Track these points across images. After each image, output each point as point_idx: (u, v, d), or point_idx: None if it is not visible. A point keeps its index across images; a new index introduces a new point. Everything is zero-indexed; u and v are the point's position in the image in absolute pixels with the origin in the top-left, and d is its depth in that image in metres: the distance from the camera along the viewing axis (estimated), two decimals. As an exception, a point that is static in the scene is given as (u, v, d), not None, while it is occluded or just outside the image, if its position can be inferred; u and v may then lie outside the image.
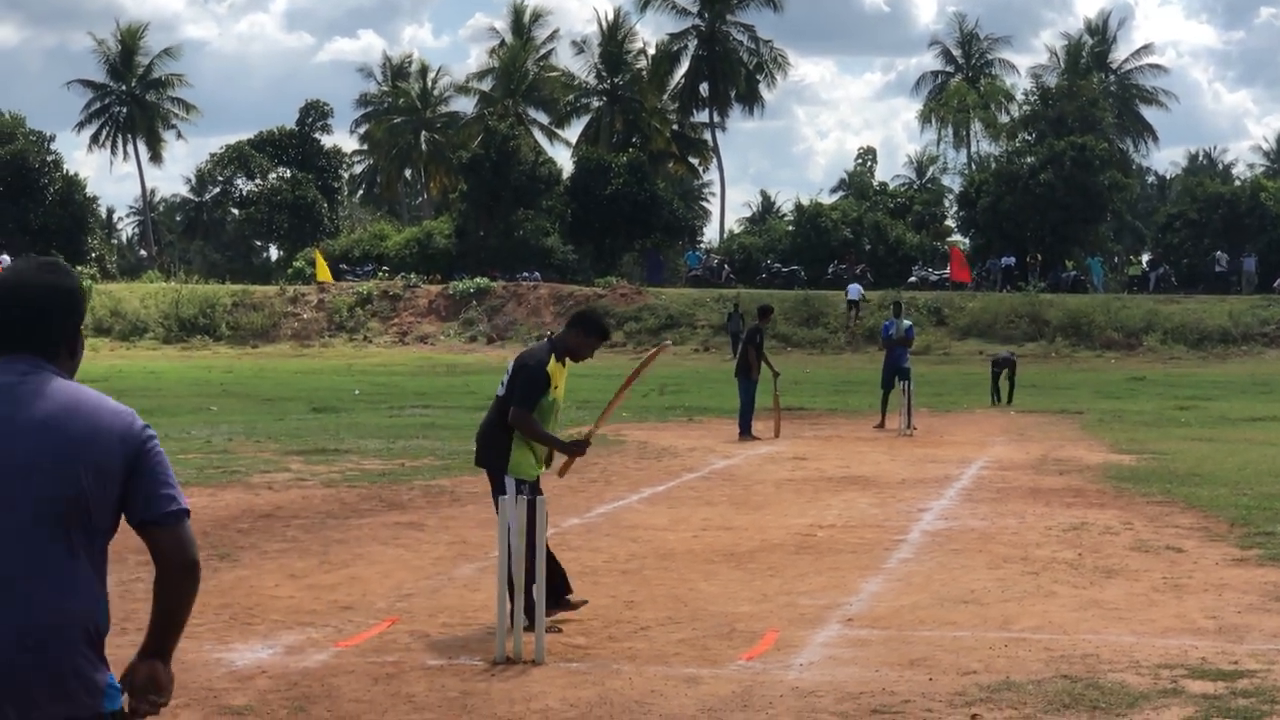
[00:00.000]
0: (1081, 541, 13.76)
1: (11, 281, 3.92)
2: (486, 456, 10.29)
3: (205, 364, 53.91)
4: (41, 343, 3.89)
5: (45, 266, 3.97)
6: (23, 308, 3.88)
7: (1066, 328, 59.81)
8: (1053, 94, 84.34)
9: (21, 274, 3.93)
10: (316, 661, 9.13)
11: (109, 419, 3.85)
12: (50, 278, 3.93)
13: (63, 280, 3.94)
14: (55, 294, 3.92)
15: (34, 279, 3.91)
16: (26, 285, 3.90)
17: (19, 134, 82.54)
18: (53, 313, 3.91)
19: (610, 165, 75.82)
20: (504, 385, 10.24)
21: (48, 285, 3.91)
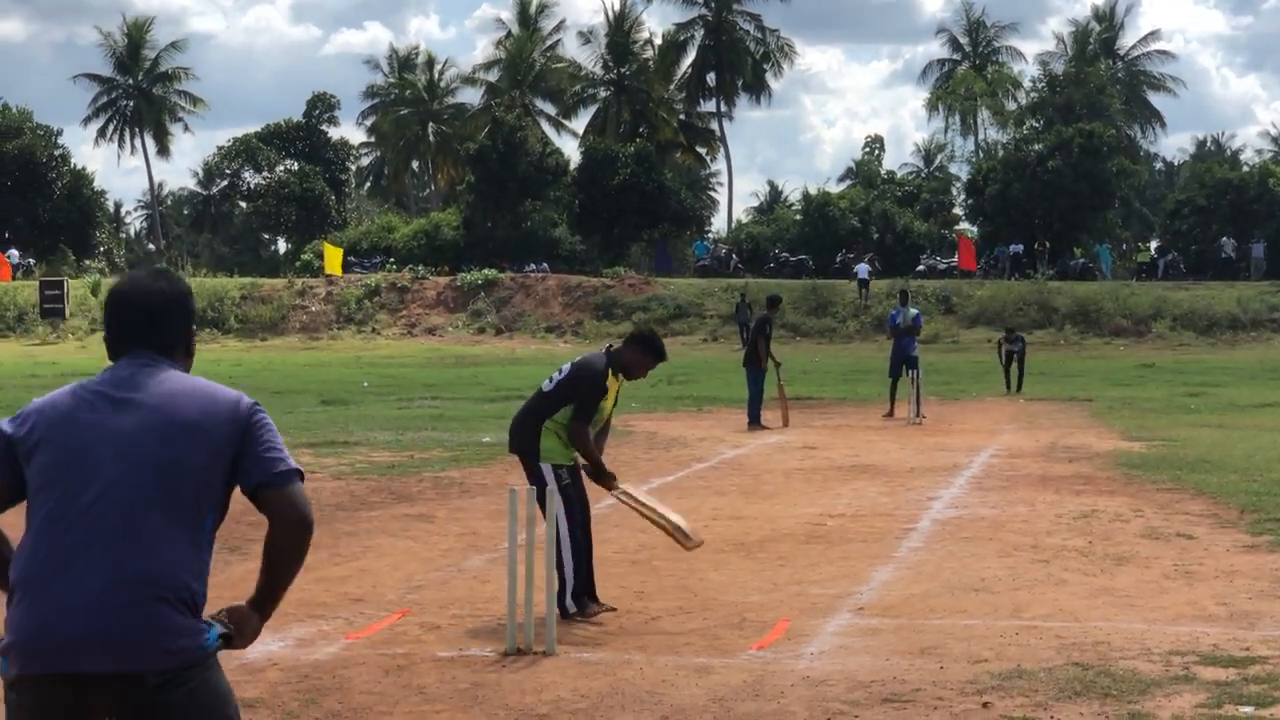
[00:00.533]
0: (1092, 529, 13.74)
1: (130, 289, 4.33)
2: (522, 445, 10.34)
3: (214, 357, 53.94)
4: (158, 342, 4.27)
5: (157, 275, 4.39)
6: (141, 312, 4.26)
7: (1075, 315, 59.79)
8: (1060, 81, 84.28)
9: (138, 282, 4.34)
10: (327, 654, 9.14)
11: (219, 399, 4.21)
12: (163, 284, 4.34)
13: (175, 286, 4.36)
14: (169, 298, 4.31)
15: (149, 286, 4.32)
16: (143, 292, 4.30)
17: (26, 128, 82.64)
18: (168, 315, 4.29)
19: (618, 155, 75.81)
20: (552, 382, 10.33)
21: (162, 291, 4.31)
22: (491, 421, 25.61)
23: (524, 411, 10.47)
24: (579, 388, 10.21)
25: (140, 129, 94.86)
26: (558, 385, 10.27)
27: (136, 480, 4.05)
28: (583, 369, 10.29)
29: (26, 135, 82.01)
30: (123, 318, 4.25)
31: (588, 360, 10.40)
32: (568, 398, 10.22)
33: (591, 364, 10.33)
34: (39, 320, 63.42)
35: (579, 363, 10.39)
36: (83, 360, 50.53)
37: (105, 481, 4.05)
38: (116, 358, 4.24)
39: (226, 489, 4.21)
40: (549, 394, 10.29)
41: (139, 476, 4.06)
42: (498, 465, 19.09)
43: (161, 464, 4.07)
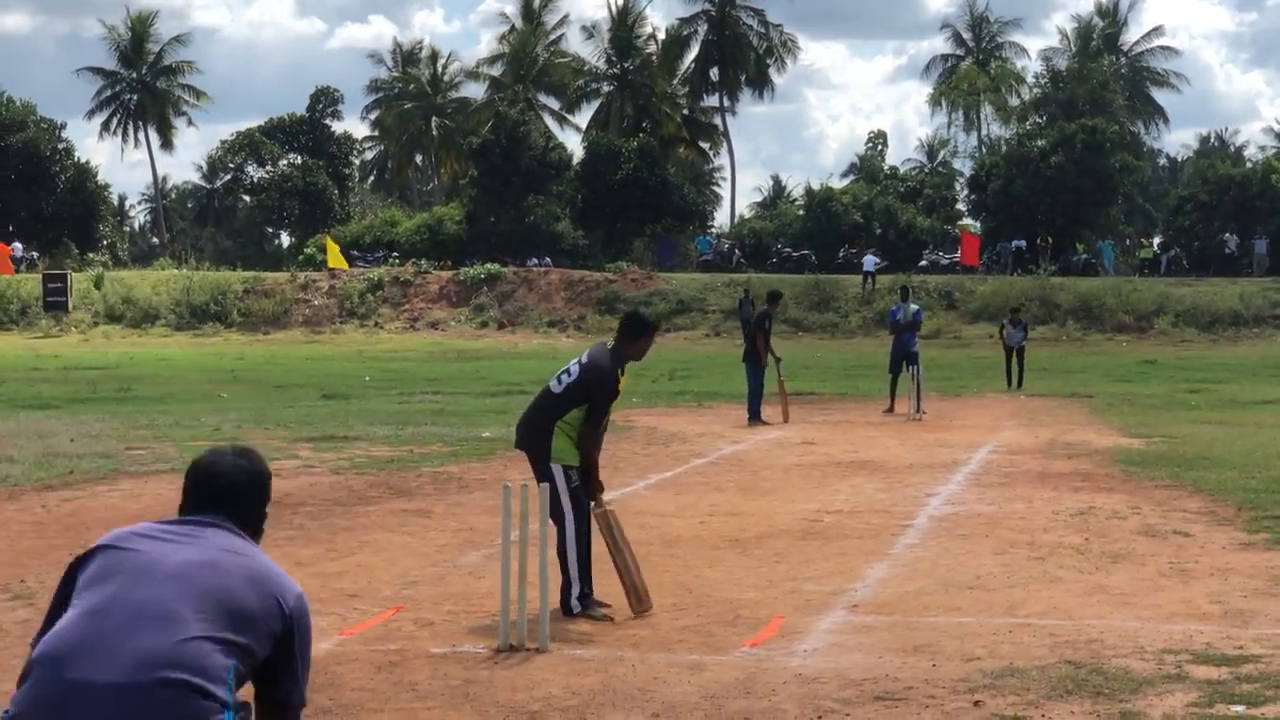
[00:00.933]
0: (1088, 526, 13.74)
1: (211, 461, 4.48)
2: (530, 443, 10.30)
3: (216, 351, 53.98)
4: (233, 514, 4.39)
5: (242, 453, 4.52)
6: (224, 484, 4.39)
7: (1077, 311, 59.73)
8: (1063, 76, 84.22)
9: (224, 458, 4.47)
10: (320, 650, 9.10)
11: (278, 585, 4.32)
12: (247, 463, 4.47)
13: (259, 466, 4.49)
14: (252, 478, 4.46)
15: (234, 464, 4.46)
16: (228, 468, 4.45)
17: (30, 122, 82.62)
18: (248, 493, 4.44)
19: (620, 150, 75.77)
20: (561, 383, 10.24)
21: (245, 470, 4.45)
22: (492, 416, 25.61)
23: (533, 410, 10.41)
24: (591, 391, 10.18)
25: (144, 122, 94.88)
26: (568, 387, 10.20)
27: (181, 593, 4.16)
28: (593, 372, 10.22)
29: (30, 128, 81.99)
30: (202, 490, 4.36)
31: (596, 364, 10.29)
32: (579, 399, 10.18)
33: (601, 367, 10.25)
34: (42, 313, 63.43)
35: (587, 365, 10.29)
36: (85, 353, 50.57)
37: (154, 592, 4.16)
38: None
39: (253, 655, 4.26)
40: (560, 395, 10.22)
41: (185, 592, 4.16)
42: (497, 460, 19.10)
43: (210, 591, 4.18)
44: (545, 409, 10.29)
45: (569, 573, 10.12)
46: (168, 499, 15.42)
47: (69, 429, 22.44)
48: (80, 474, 17.34)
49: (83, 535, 13.20)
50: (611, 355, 10.39)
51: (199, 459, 4.42)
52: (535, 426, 10.28)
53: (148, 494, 15.90)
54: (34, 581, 11.17)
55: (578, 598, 10.13)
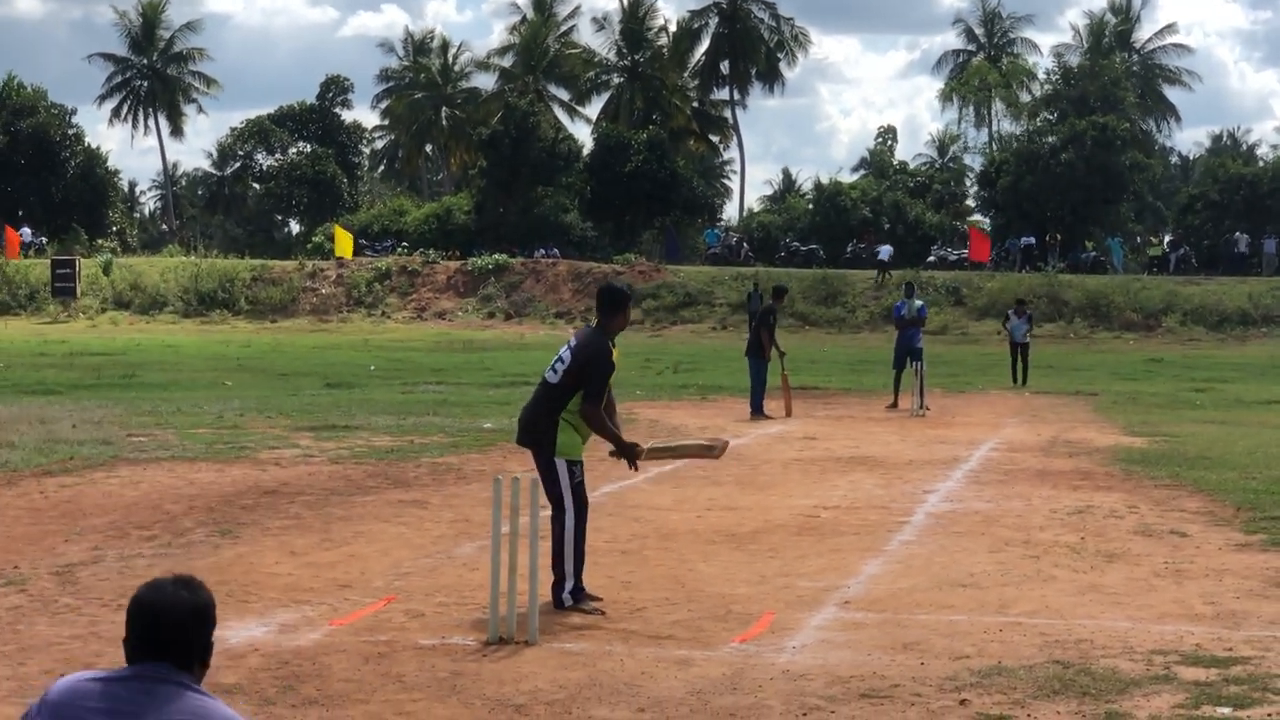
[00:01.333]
0: (1085, 525, 13.72)
1: (152, 599, 4.18)
2: (534, 438, 10.26)
3: (223, 338, 54.00)
4: (178, 655, 4.16)
5: (182, 584, 4.25)
6: (163, 624, 4.14)
7: (1085, 308, 59.63)
8: (1075, 73, 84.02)
9: (161, 592, 4.19)
10: (309, 640, 9.13)
11: None
12: (187, 595, 4.20)
13: (201, 597, 4.22)
14: (195, 613, 4.19)
15: (174, 598, 4.18)
16: (166, 603, 4.16)
17: (40, 107, 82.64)
18: (193, 631, 4.18)
19: (630, 142, 75.73)
20: (556, 372, 10.18)
21: (185, 603, 4.18)
22: (495, 407, 25.61)
23: (535, 404, 10.35)
24: (588, 371, 10.13)
25: (154, 109, 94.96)
26: (565, 374, 10.14)
27: None
28: (587, 351, 10.17)
29: (41, 114, 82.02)
30: (143, 630, 4.18)
31: (587, 342, 10.26)
32: (577, 384, 10.14)
33: (593, 344, 10.21)
34: (50, 299, 63.50)
35: (578, 346, 10.25)
36: (92, 339, 50.60)
37: None
38: (132, 663, 4.20)
39: None
40: (557, 385, 10.17)
41: None
42: (496, 451, 19.09)
43: None
44: (546, 401, 10.23)
45: (563, 567, 10.10)
46: (165, 487, 15.46)
47: (71, 415, 22.44)
48: (80, 460, 17.35)
49: (79, 522, 13.23)
50: (599, 331, 10.36)
51: (140, 596, 4.21)
52: (538, 422, 10.24)
53: (146, 481, 15.90)
54: (27, 568, 11.19)
55: (570, 592, 10.12)
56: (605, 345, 10.25)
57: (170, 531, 12.87)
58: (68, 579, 10.84)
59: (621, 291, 10.68)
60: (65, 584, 10.68)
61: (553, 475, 10.10)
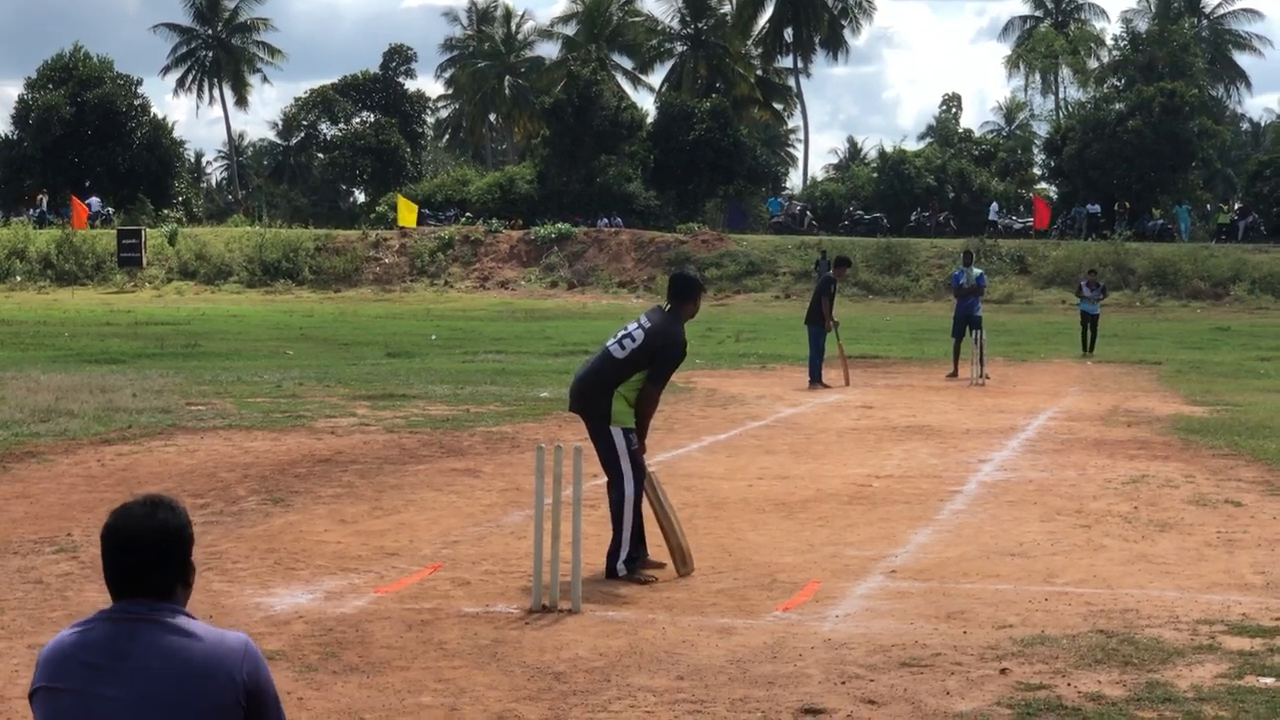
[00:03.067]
0: (1139, 494, 13.61)
1: (122, 528, 4.06)
2: (588, 407, 10.28)
3: (287, 308, 54.28)
4: (157, 585, 4.06)
5: (152, 506, 4.11)
6: (136, 554, 4.03)
7: (1152, 277, 59.12)
8: (1143, 39, 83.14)
9: (132, 519, 4.07)
10: (354, 607, 9.18)
11: (222, 663, 4.00)
12: (160, 518, 4.08)
13: (171, 520, 4.08)
14: (166, 536, 4.06)
15: (144, 523, 4.06)
16: (138, 531, 4.04)
17: (106, 78, 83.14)
18: (166, 555, 4.06)
19: (693, 111, 75.54)
20: (623, 347, 10.18)
21: (158, 528, 4.05)
22: (553, 376, 25.64)
23: (592, 373, 10.33)
24: (660, 358, 10.15)
25: (219, 79, 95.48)
26: (633, 352, 10.14)
27: None
28: (662, 339, 10.17)
29: (107, 84, 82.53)
30: (118, 561, 4.06)
31: (664, 330, 10.22)
32: (643, 365, 10.15)
33: (671, 334, 10.21)
34: (116, 269, 64.00)
35: (654, 330, 10.21)
36: (157, 309, 51.02)
37: None
38: (116, 599, 4.10)
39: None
40: (622, 361, 10.16)
41: None
42: (552, 420, 19.12)
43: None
44: (605, 374, 10.22)
45: (620, 534, 10.12)
46: (221, 455, 15.58)
47: (132, 384, 22.61)
48: (138, 429, 17.49)
49: (134, 489, 13.32)
50: (674, 318, 10.35)
51: (110, 525, 4.08)
52: (594, 390, 10.24)
53: (202, 449, 16.02)
54: (80, 535, 11.29)
55: (625, 561, 10.12)
56: (681, 334, 10.31)
57: (223, 499, 12.96)
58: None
59: (695, 280, 10.68)
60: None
61: (609, 443, 10.12)
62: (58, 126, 79.56)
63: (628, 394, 10.18)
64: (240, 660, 4.02)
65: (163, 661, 3.99)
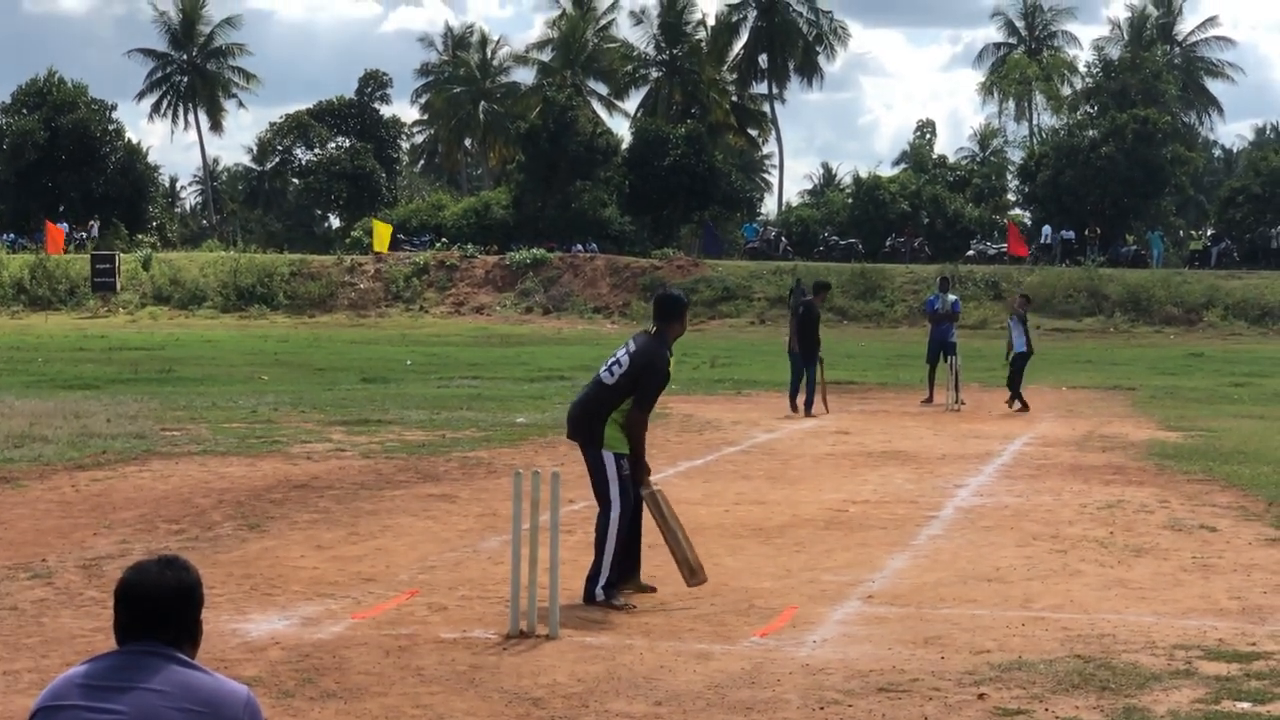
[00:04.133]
0: (1115, 520, 13.65)
1: (138, 581, 4.25)
2: (583, 433, 10.31)
3: (261, 333, 54.17)
4: (168, 636, 4.21)
5: (167, 565, 4.29)
6: (151, 605, 4.20)
7: (1126, 303, 59.36)
8: (1115, 66, 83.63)
9: (147, 574, 4.26)
10: (331, 633, 9.16)
11: (225, 698, 4.14)
12: (173, 575, 4.26)
13: (185, 578, 4.27)
14: (179, 592, 4.24)
15: (159, 579, 4.24)
16: (153, 584, 4.22)
17: (81, 103, 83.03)
18: (178, 609, 4.23)
19: (668, 136, 75.68)
20: (611, 374, 10.21)
21: (172, 584, 4.24)
22: (529, 402, 25.63)
23: (586, 401, 10.36)
24: (643, 382, 10.17)
25: (194, 104, 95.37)
26: (621, 378, 10.17)
27: None
28: (646, 361, 10.19)
29: (81, 109, 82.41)
30: (131, 611, 4.21)
31: (648, 351, 10.25)
32: (631, 391, 10.18)
33: (654, 356, 10.22)
34: (90, 294, 63.80)
35: (638, 353, 10.24)
36: (131, 334, 50.88)
37: None
38: (122, 645, 4.22)
39: None
40: (613, 387, 10.19)
41: None
42: (528, 446, 19.12)
43: None
44: (599, 401, 10.25)
45: (602, 559, 10.10)
46: (196, 481, 15.53)
47: (106, 409, 22.54)
48: (112, 454, 17.43)
49: (108, 515, 13.29)
50: (659, 340, 10.37)
51: (127, 580, 4.24)
52: (587, 417, 10.27)
53: (177, 475, 15.97)
54: (54, 561, 11.25)
55: (603, 586, 10.10)
56: (664, 356, 10.31)
57: (198, 525, 12.93)
58: (94, 572, 10.89)
59: (680, 299, 10.72)
60: (91, 577, 10.73)
61: (601, 469, 10.15)
62: (31, 151, 79.44)
63: (620, 419, 10.19)
64: (241, 709, 4.14)
65: (169, 685, 4.10)
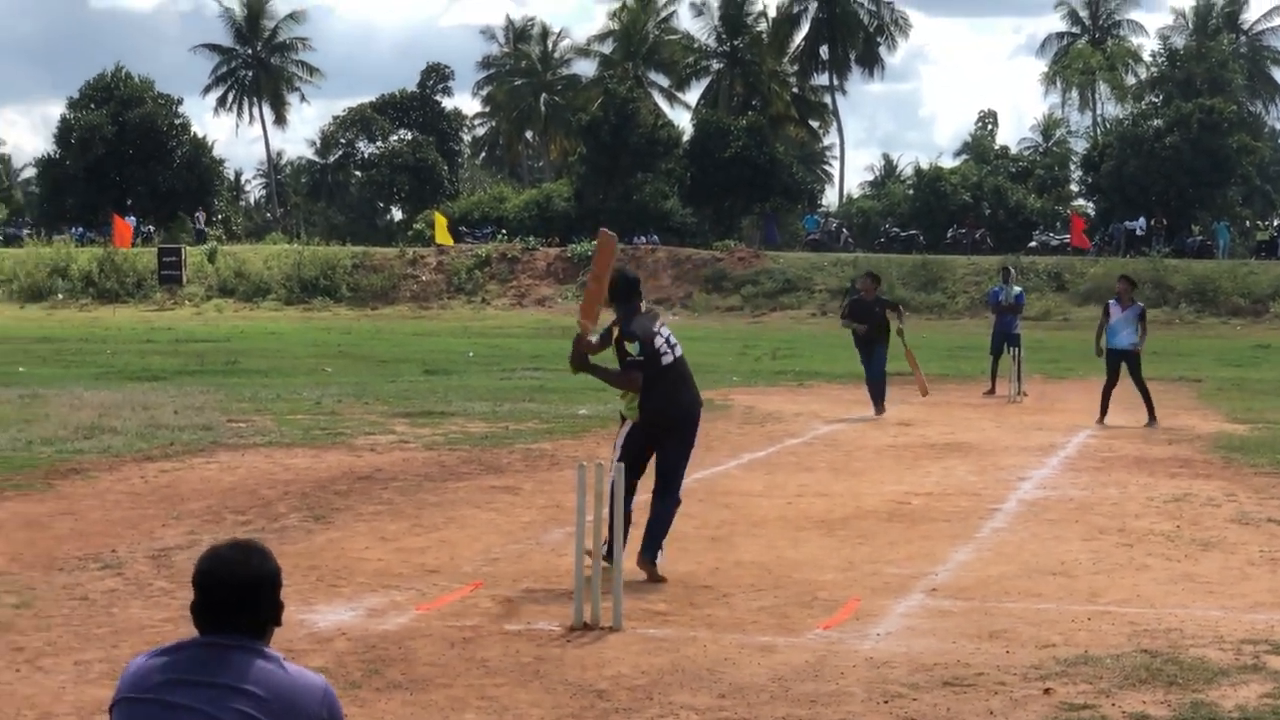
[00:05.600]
0: (1181, 513, 13.56)
1: (218, 569, 4.25)
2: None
3: (324, 325, 54.46)
4: (249, 622, 4.23)
5: (245, 552, 4.29)
6: (232, 596, 4.21)
7: (1191, 294, 58.81)
8: (1181, 56, 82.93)
9: (227, 561, 4.25)
10: (396, 624, 9.22)
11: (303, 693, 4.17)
12: (254, 564, 4.26)
13: (266, 565, 4.27)
14: (261, 579, 4.25)
15: (239, 569, 4.24)
16: (234, 572, 4.23)
17: (148, 97, 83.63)
18: (259, 596, 4.24)
19: (729, 128, 75.53)
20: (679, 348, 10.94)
21: (253, 571, 4.25)
22: (591, 394, 25.61)
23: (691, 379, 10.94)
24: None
25: (258, 99, 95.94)
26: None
27: None
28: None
29: (148, 104, 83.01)
30: (211, 600, 4.23)
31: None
32: None
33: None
34: (157, 286, 64.30)
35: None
36: (197, 326, 51.28)
37: None
38: (205, 634, 4.24)
39: None
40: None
41: None
42: (590, 437, 19.16)
43: None
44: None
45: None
46: (262, 472, 15.64)
47: (174, 401, 22.72)
48: (180, 445, 17.58)
49: (177, 506, 13.41)
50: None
51: (205, 568, 4.24)
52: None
53: (243, 466, 16.09)
54: (124, 551, 11.36)
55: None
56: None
57: (265, 516, 13.02)
58: (163, 562, 10.99)
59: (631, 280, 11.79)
60: (160, 567, 10.84)
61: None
62: (99, 146, 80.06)
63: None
64: (320, 702, 4.17)
65: (249, 682, 4.11)
